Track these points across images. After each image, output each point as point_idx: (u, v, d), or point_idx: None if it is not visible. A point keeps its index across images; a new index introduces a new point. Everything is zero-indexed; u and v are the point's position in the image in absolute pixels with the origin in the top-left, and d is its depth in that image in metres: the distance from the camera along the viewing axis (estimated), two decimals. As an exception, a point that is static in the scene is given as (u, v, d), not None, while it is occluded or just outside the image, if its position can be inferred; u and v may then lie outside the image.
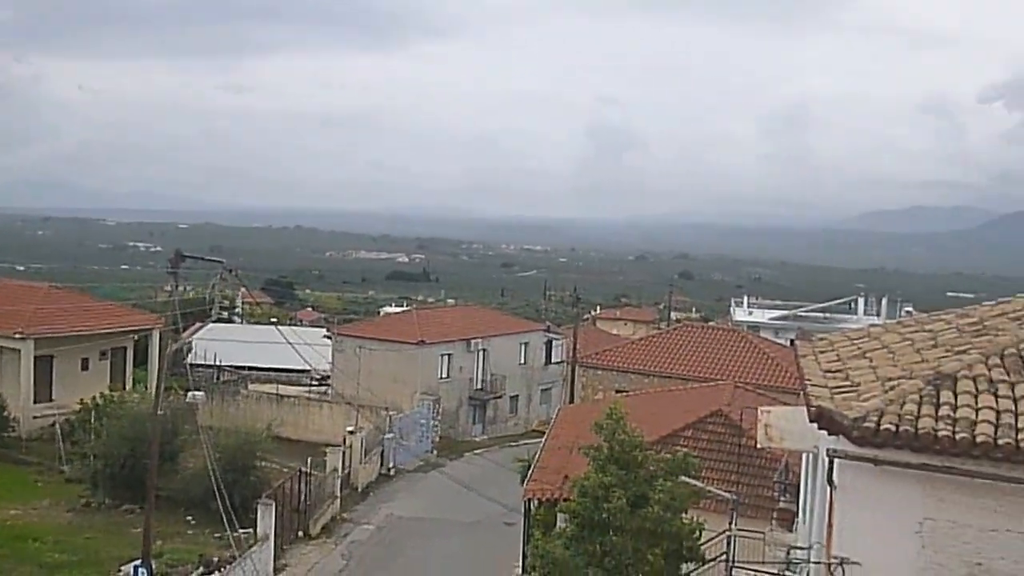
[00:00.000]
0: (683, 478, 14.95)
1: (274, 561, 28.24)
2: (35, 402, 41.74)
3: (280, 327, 40.33)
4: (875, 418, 10.81)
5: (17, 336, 41.05)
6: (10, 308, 42.10)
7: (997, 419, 10.60)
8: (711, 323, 68.99)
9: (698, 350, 42.08)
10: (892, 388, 11.53)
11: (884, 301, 77.36)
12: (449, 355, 51.12)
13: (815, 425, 11.89)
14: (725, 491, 20.17)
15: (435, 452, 45.97)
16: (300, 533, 31.48)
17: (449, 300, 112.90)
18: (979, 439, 10.28)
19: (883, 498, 10.92)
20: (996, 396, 11.00)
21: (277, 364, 58.23)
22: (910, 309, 71.19)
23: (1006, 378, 11.27)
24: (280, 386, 52.51)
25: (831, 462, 11.14)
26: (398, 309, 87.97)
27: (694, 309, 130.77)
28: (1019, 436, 10.26)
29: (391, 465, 41.47)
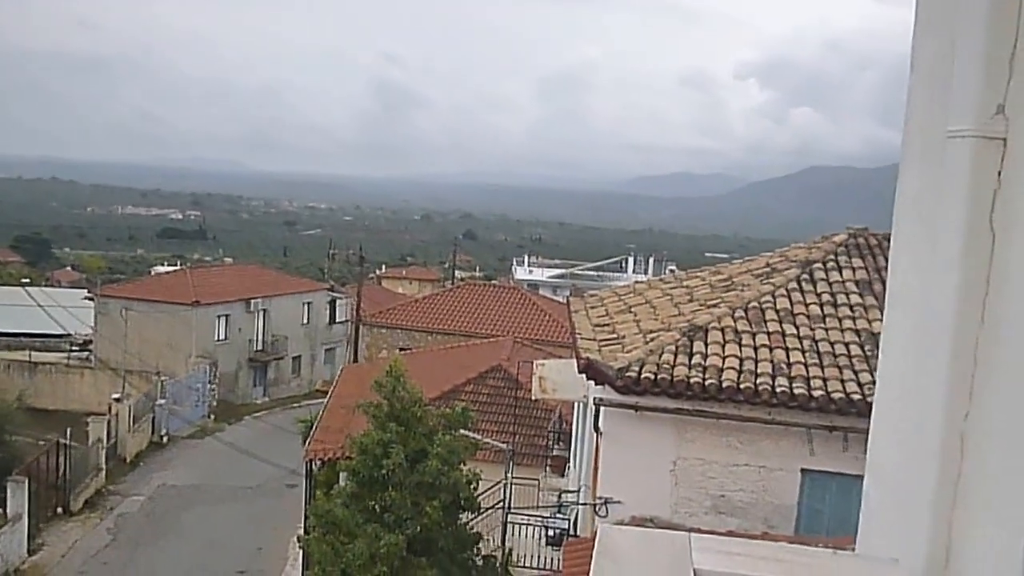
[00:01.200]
0: (461, 432, 15.35)
1: (28, 542, 26.29)
2: None
3: (31, 288, 37.17)
4: (636, 368, 11.60)
5: None
6: None
7: (740, 366, 11.67)
8: (493, 282, 70.52)
9: (480, 308, 42.97)
10: (652, 340, 12.38)
11: (651, 260, 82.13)
12: (227, 316, 49.22)
13: (584, 376, 12.61)
14: (503, 442, 20.90)
15: (212, 417, 44.31)
16: (59, 510, 29.46)
17: (227, 259, 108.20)
18: (725, 384, 11.30)
19: (642, 441, 11.77)
20: (740, 345, 12.10)
21: (29, 329, 53.76)
22: (673, 268, 76.02)
23: (749, 329, 12.40)
24: (33, 353, 48.50)
25: (597, 410, 11.85)
26: (171, 269, 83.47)
27: (478, 268, 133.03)
28: (757, 381, 11.35)
29: (164, 433, 39.58)
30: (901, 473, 3.03)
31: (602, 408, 11.90)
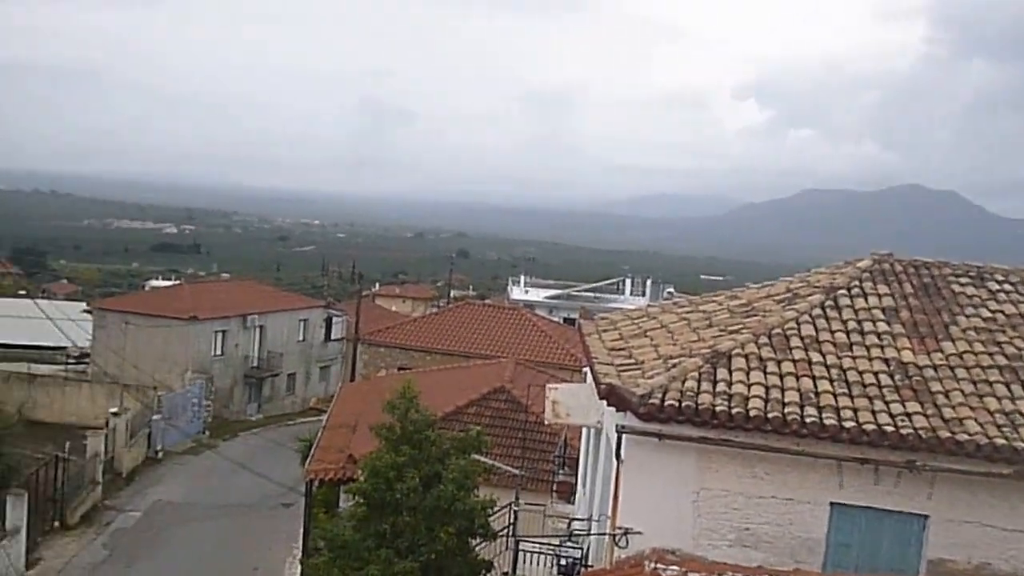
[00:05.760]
0: (474, 455, 15.11)
1: (26, 555, 25.92)
2: None
3: (29, 300, 36.88)
4: (659, 395, 11.38)
5: None
6: None
7: (766, 394, 11.46)
8: (488, 301, 70.36)
9: (479, 328, 42.74)
10: (674, 366, 12.17)
11: (648, 282, 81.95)
12: (223, 331, 48.92)
13: (602, 401, 12.38)
14: (508, 466, 20.66)
15: (207, 433, 43.95)
16: (56, 524, 29.11)
17: (224, 274, 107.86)
18: (751, 413, 11.09)
19: (664, 470, 11.53)
20: (765, 373, 11.90)
21: (26, 340, 53.33)
22: (671, 290, 75.95)
23: (774, 356, 12.21)
24: (31, 364, 48.08)
25: (619, 437, 11.62)
26: (166, 283, 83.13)
27: (471, 287, 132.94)
28: (785, 410, 11.15)
29: (159, 448, 39.21)
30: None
31: (624, 435, 11.67)
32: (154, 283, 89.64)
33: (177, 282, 74.38)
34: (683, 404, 11.26)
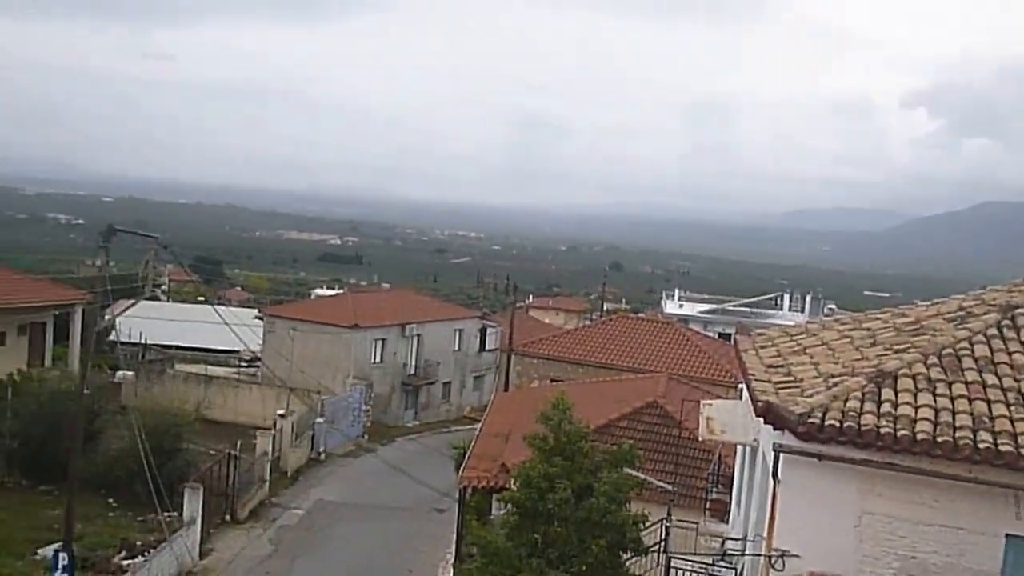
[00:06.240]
0: (626, 469, 15.05)
1: (200, 545, 27.66)
2: (-52, 377, 40.04)
3: (206, 307, 39.44)
4: (820, 414, 11.02)
5: (-75, 309, 39.30)
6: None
7: (936, 417, 10.90)
8: (642, 315, 69.76)
9: (632, 341, 42.44)
10: (835, 385, 11.76)
11: (808, 298, 79.12)
12: (383, 340, 50.67)
13: (759, 419, 12.09)
14: (660, 481, 20.42)
15: (366, 437, 45.59)
16: (227, 517, 30.89)
17: (384, 284, 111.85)
18: (919, 436, 10.57)
19: (825, 493, 11.15)
20: (935, 394, 11.31)
21: (204, 344, 57.05)
22: (832, 306, 73.07)
23: (944, 377, 11.60)
24: (208, 367, 51.35)
25: (776, 457, 11.32)
26: (329, 292, 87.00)
27: (624, 300, 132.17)
28: (957, 434, 10.57)
29: (321, 449, 40.97)
30: None
31: (781, 455, 11.36)
32: (319, 292, 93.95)
33: (340, 291, 77.67)
34: (845, 424, 10.87)
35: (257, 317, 53.69)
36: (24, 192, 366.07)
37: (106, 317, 33.53)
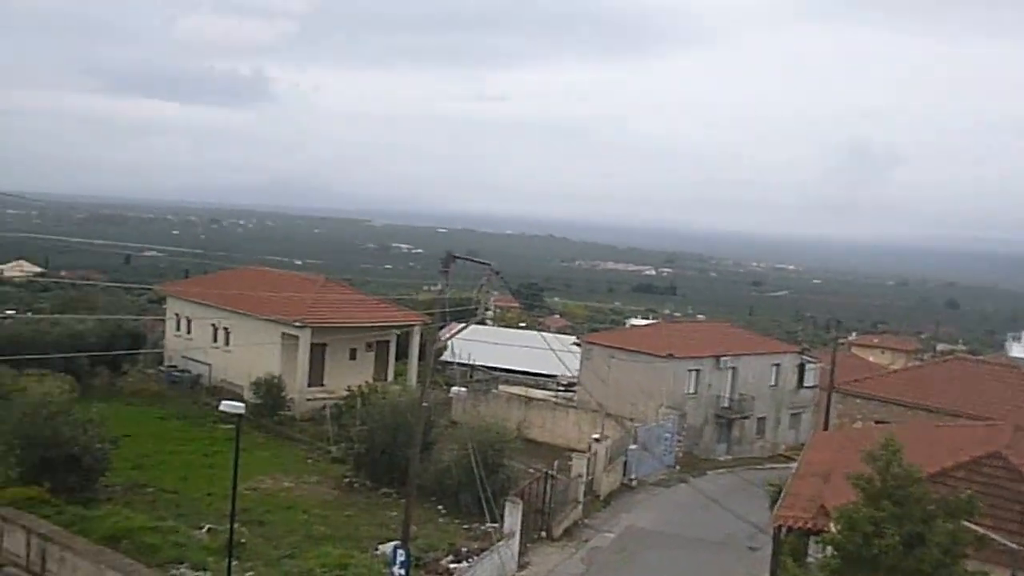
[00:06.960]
0: (963, 522, 13.88)
1: (518, 558, 29.12)
2: (309, 386, 45.72)
3: (537, 333, 41.63)
4: None
5: (297, 324, 45.11)
6: (293, 295, 46.47)
7: None
8: (982, 357, 63.40)
9: (970, 386, 38.75)
10: None
11: None
12: (697, 371, 50.42)
13: None
14: (1013, 543, 18.50)
15: (677, 467, 45.52)
16: (543, 534, 32.23)
17: (699, 316, 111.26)
18: None
19: None
20: None
21: (525, 367, 60.17)
22: None
23: None
24: (528, 389, 54.04)
25: None
26: (643, 321, 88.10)
27: (960, 341, 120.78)
28: None
29: (633, 476, 41.49)
30: None
31: None
32: (633, 321, 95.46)
33: (655, 321, 78.39)
34: None
35: (575, 343, 55.68)
36: (372, 224, 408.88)
37: (441, 338, 36.46)
